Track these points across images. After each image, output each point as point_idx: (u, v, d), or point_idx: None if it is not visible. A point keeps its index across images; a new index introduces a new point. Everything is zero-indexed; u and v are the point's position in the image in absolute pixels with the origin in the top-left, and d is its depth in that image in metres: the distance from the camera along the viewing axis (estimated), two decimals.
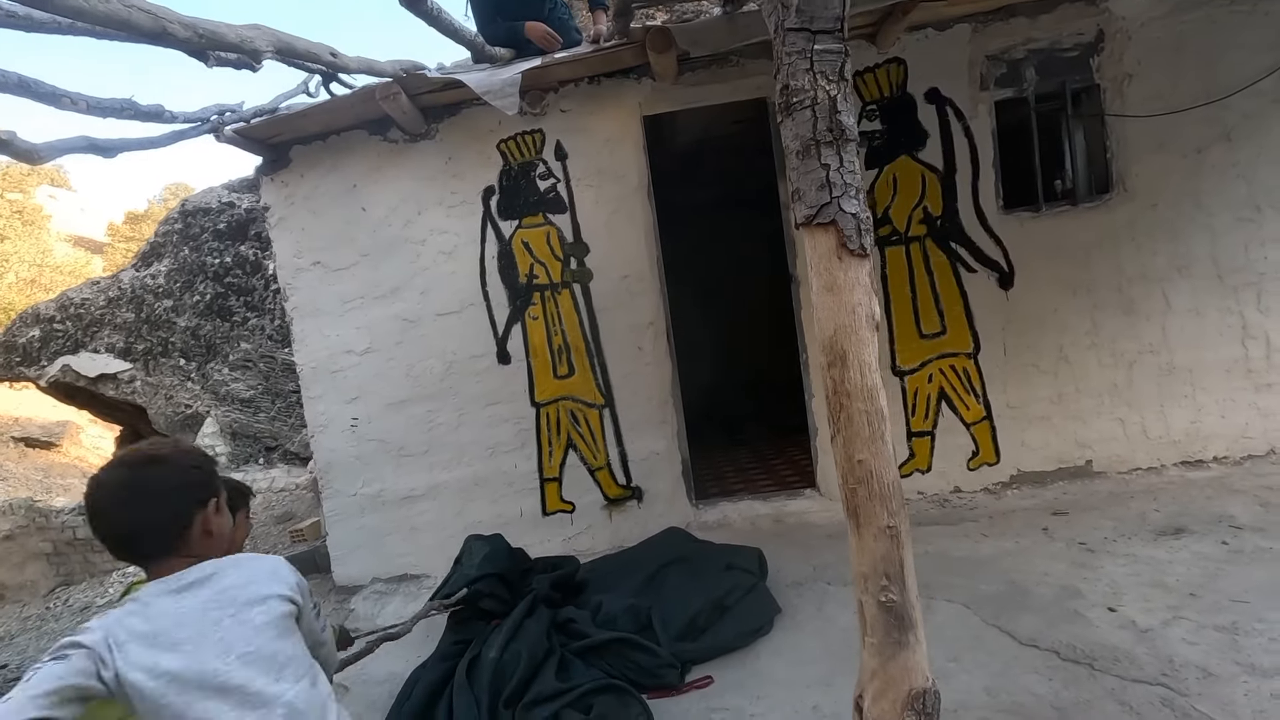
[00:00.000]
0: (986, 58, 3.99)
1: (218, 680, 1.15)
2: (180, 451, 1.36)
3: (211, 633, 1.18)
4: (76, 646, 1.13)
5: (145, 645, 1.15)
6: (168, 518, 1.28)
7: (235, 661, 1.16)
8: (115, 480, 1.28)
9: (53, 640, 5.82)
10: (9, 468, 17.20)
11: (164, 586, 1.23)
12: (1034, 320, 4.09)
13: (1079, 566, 3.15)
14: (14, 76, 2.03)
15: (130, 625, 1.17)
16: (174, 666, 1.14)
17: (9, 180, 27.56)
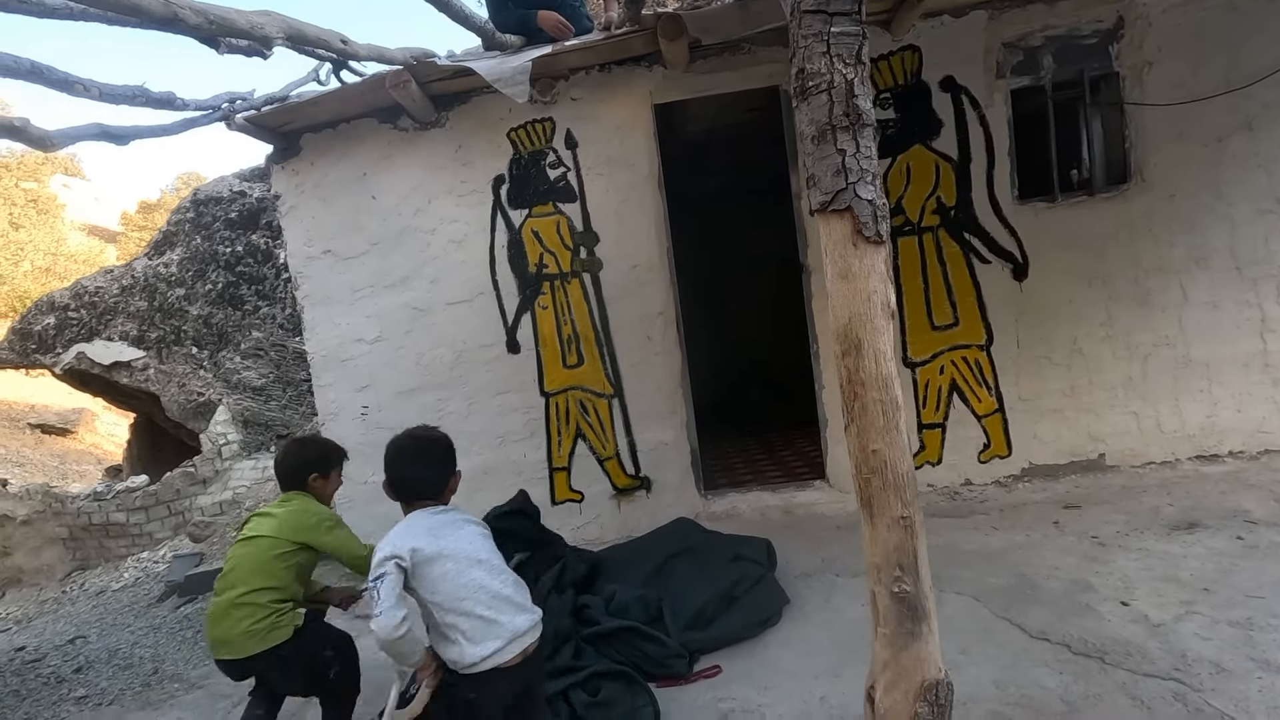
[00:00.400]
0: (1003, 45, 3.93)
1: (475, 555, 1.92)
2: (444, 434, 2.15)
3: (460, 533, 1.95)
4: (386, 562, 1.81)
5: (421, 540, 1.86)
6: (443, 475, 2.07)
7: (479, 549, 1.95)
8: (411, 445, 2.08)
9: (70, 622, 5.93)
10: (26, 454, 17.44)
11: (427, 512, 1.99)
12: (1048, 312, 4.05)
13: (1090, 560, 3.13)
14: (26, 63, 2.03)
15: (406, 534, 1.89)
16: (446, 547, 1.88)
17: (24, 169, 27.78)
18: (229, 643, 2.35)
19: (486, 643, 1.81)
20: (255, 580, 2.36)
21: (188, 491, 8.52)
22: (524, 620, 1.89)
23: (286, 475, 2.63)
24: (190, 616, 5.02)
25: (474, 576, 1.86)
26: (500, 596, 1.88)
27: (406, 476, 2.04)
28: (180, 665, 3.95)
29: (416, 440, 2.10)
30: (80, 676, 4.02)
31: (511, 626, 1.85)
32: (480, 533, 2.02)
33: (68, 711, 3.51)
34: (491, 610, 1.84)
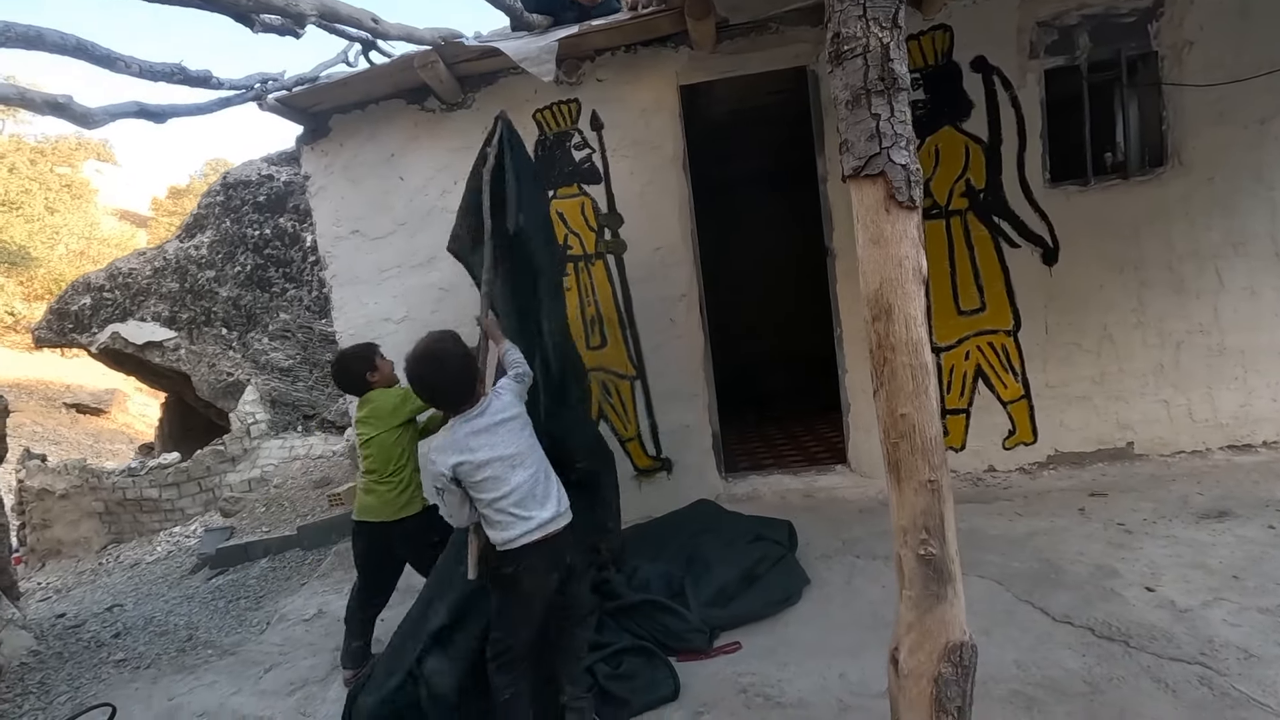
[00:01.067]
0: (1037, 24, 3.86)
1: (511, 457, 2.17)
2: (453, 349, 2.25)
3: (496, 437, 2.17)
4: (441, 479, 2.13)
5: (463, 455, 2.12)
6: (464, 384, 2.21)
7: (514, 444, 2.19)
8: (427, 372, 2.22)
9: (107, 592, 6.12)
10: (62, 432, 17.95)
11: (465, 422, 2.18)
12: (1078, 298, 3.99)
13: (1116, 547, 3.10)
14: (72, 39, 2.09)
15: (449, 450, 2.13)
16: (483, 457, 2.13)
17: (58, 154, 28.38)
18: (377, 509, 2.94)
19: (515, 528, 2.15)
20: (388, 468, 2.93)
21: (218, 469, 8.73)
22: (547, 513, 2.20)
23: (350, 388, 3.14)
24: (222, 587, 5.18)
25: (508, 483, 2.15)
26: (529, 496, 2.18)
27: (431, 399, 2.34)
28: (214, 633, 4.08)
29: (420, 362, 2.21)
30: (119, 642, 4.16)
31: (537, 519, 2.17)
32: (516, 425, 2.23)
33: (108, 673, 3.64)
34: (520, 509, 2.16)
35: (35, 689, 3.55)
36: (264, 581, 5.03)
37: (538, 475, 2.22)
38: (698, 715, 2.39)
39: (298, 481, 7.76)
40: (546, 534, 2.17)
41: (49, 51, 2.04)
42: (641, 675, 2.57)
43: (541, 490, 2.21)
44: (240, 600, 4.72)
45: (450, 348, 2.23)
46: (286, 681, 3.15)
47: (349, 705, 2.51)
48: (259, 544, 5.83)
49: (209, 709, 3.00)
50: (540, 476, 2.23)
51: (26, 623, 4.41)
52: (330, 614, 3.85)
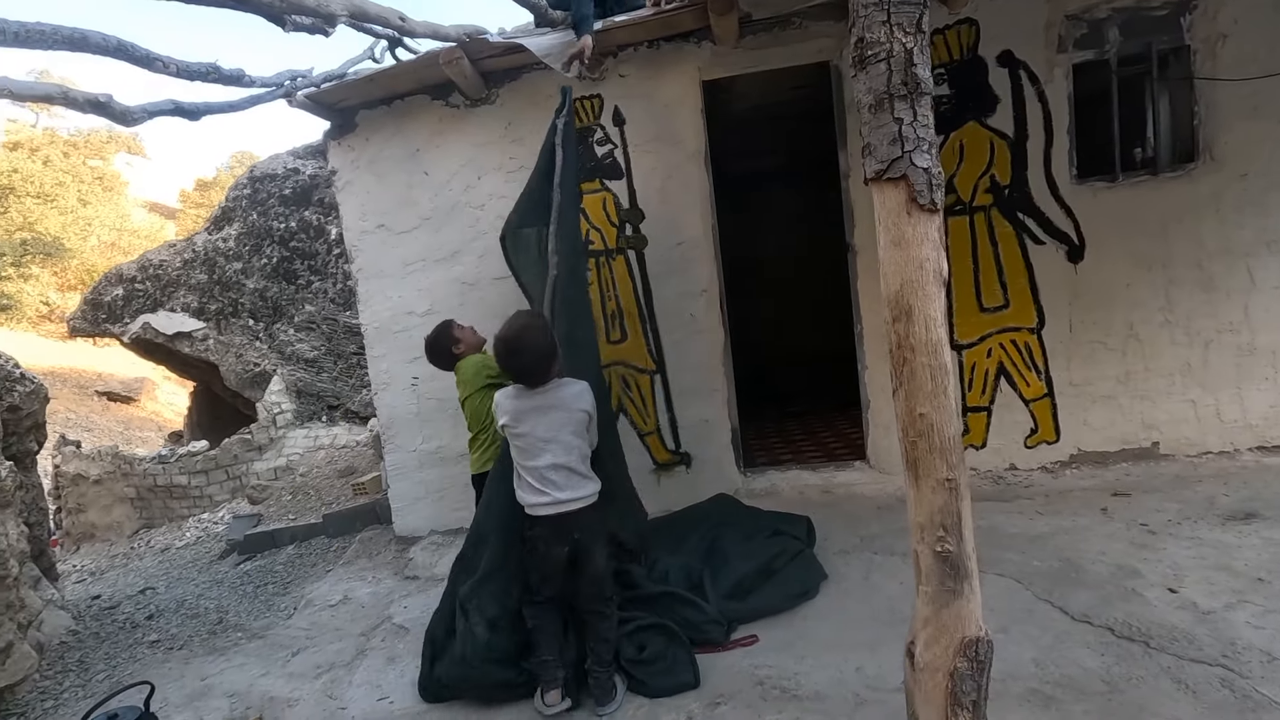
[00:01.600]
0: (1066, 18, 3.80)
1: (546, 439, 2.44)
2: (539, 341, 2.48)
3: (542, 419, 2.46)
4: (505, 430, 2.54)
5: (508, 419, 2.50)
6: (539, 369, 2.47)
7: (553, 429, 2.45)
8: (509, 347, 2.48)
9: (139, 575, 6.30)
10: (94, 419, 18.42)
11: (523, 393, 2.50)
12: (1104, 295, 3.94)
13: (1139, 547, 3.08)
14: (113, 41, 2.15)
15: (502, 409, 2.52)
16: (523, 429, 2.46)
17: (90, 148, 28.99)
18: (473, 462, 3.32)
19: (532, 496, 2.47)
20: (476, 427, 3.28)
21: (245, 457, 8.93)
22: (565, 494, 2.45)
23: (445, 365, 3.42)
24: (250, 573, 5.31)
25: (536, 459, 2.45)
26: (548, 481, 2.43)
27: (506, 367, 2.54)
28: (243, 616, 4.20)
29: (505, 342, 2.48)
30: (152, 623, 4.30)
31: (552, 497, 2.44)
32: (562, 417, 2.47)
33: (143, 653, 3.77)
34: (541, 484, 2.44)
35: (74, 667, 3.68)
36: (290, 568, 5.15)
37: (562, 466, 2.45)
38: (714, 706, 2.43)
39: (322, 471, 7.92)
40: (560, 511, 2.45)
41: (92, 53, 2.11)
42: (663, 659, 2.62)
43: (563, 479, 2.45)
44: (268, 585, 4.83)
45: (536, 338, 2.48)
46: (313, 665, 3.24)
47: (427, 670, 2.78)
48: (285, 531, 5.97)
49: (239, 690, 3.10)
50: (566, 469, 2.46)
51: (65, 603, 4.56)
52: (355, 600, 3.94)
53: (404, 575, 4.17)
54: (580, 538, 2.50)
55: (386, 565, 4.44)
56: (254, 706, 2.93)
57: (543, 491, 2.45)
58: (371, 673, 3.05)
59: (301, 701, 2.92)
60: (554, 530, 2.47)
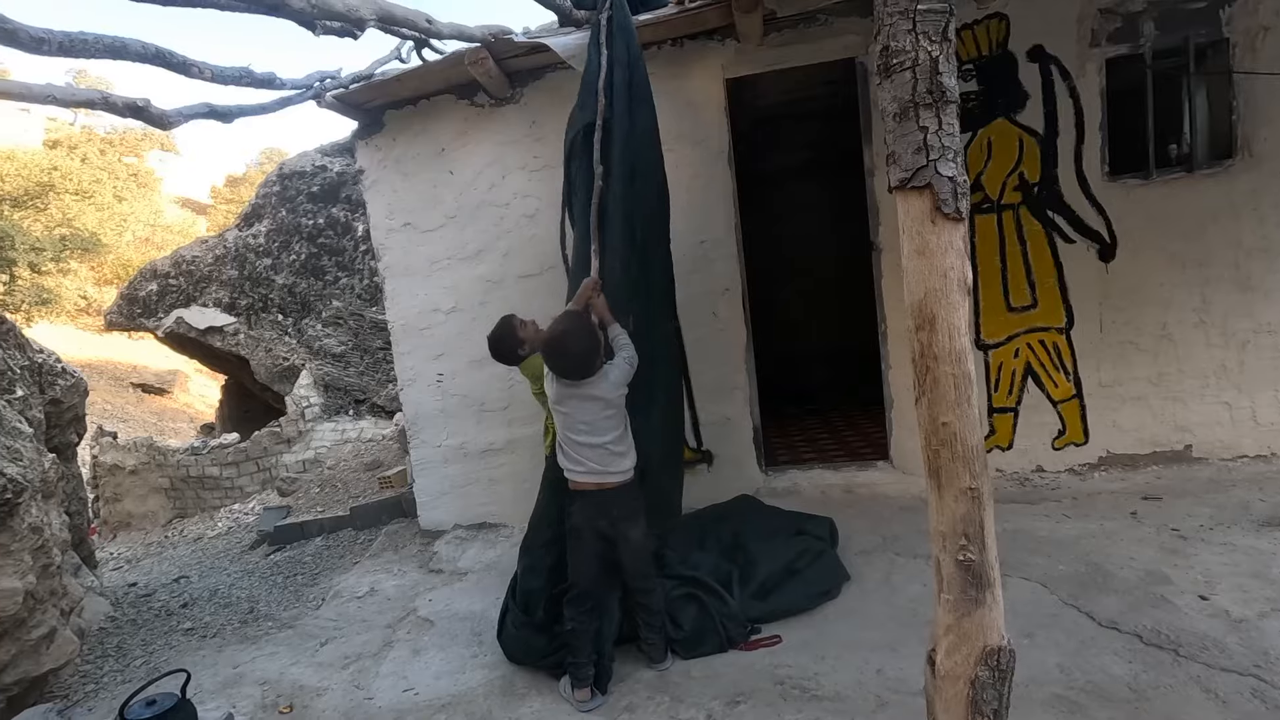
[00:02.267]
0: (1099, 11, 3.72)
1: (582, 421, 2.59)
2: (582, 346, 2.56)
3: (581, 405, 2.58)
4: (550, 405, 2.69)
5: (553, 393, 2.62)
6: (583, 367, 2.56)
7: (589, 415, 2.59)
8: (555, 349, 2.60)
9: (174, 564, 6.48)
10: (129, 411, 18.92)
11: (564, 383, 2.58)
12: (1135, 295, 3.86)
13: (1169, 553, 3.03)
14: (152, 48, 2.22)
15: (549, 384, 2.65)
16: (565, 408, 2.61)
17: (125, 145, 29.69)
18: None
19: (570, 464, 2.65)
20: (546, 415, 3.27)
21: (274, 449, 9.11)
22: (600, 469, 2.61)
23: (505, 361, 3.43)
24: (280, 563, 5.44)
25: (576, 435, 2.61)
26: (586, 457, 2.60)
27: (552, 368, 2.62)
28: (273, 606, 4.31)
29: (552, 343, 2.62)
30: (186, 611, 4.43)
31: (588, 467, 2.61)
32: (599, 407, 2.59)
33: (178, 640, 3.89)
34: (580, 456, 2.61)
35: (113, 652, 3.81)
36: (319, 559, 5.27)
37: (598, 446, 2.61)
38: (734, 704, 2.45)
39: (349, 464, 8.06)
40: (597, 483, 2.62)
41: (132, 60, 2.17)
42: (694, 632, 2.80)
43: (599, 458, 2.61)
44: (297, 576, 4.95)
45: (579, 341, 2.58)
46: (341, 655, 3.32)
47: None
48: (314, 523, 6.10)
49: (270, 678, 3.18)
50: (603, 449, 2.61)
51: (103, 590, 4.72)
52: (381, 593, 4.02)
53: (429, 569, 4.25)
54: (618, 513, 2.64)
55: (412, 558, 4.52)
56: (284, 695, 3.01)
57: (580, 462, 2.62)
58: (398, 664, 3.12)
59: (330, 691, 2.99)
60: (594, 505, 2.63)
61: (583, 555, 2.67)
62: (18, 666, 2.96)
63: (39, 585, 3.12)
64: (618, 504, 2.64)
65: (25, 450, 3.34)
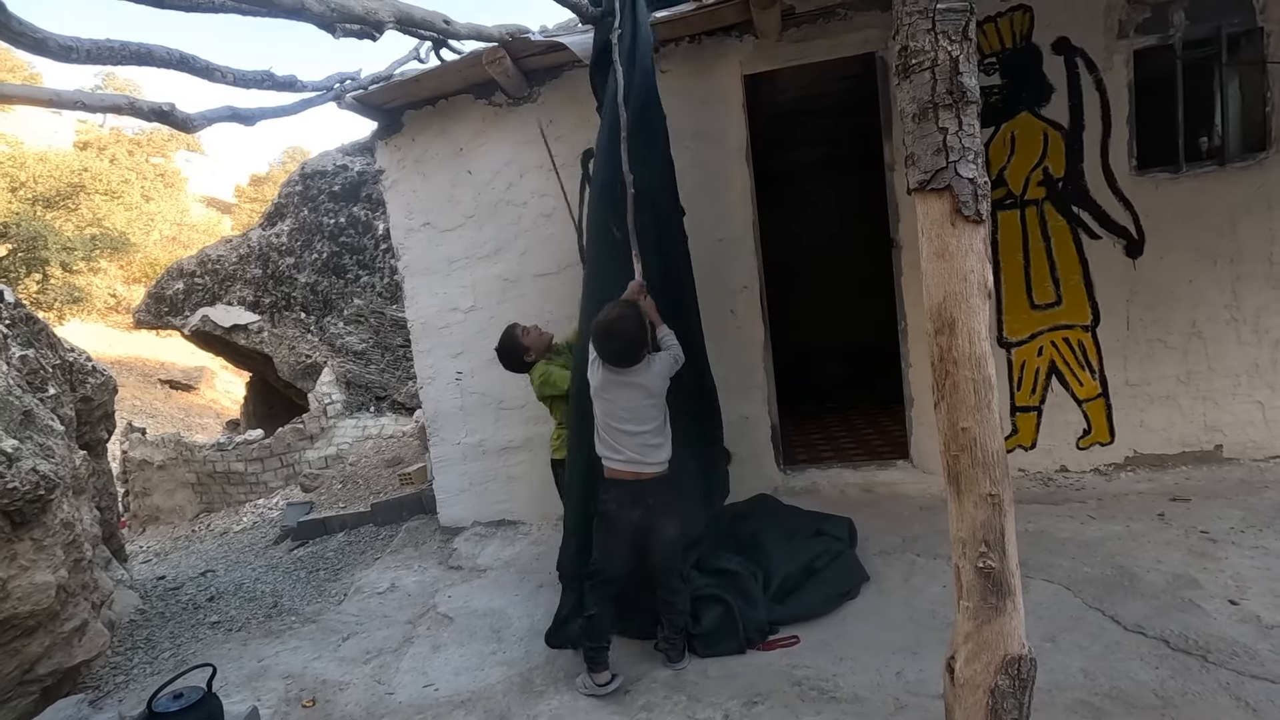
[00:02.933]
0: (1127, 2, 3.64)
1: (623, 409, 2.62)
2: (631, 330, 2.62)
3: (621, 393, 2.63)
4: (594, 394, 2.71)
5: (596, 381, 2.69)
6: (629, 354, 2.61)
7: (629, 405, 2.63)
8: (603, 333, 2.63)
9: (200, 558, 6.60)
10: (157, 406, 19.31)
11: (608, 370, 2.63)
12: (1164, 292, 3.78)
13: (1198, 556, 2.96)
14: (176, 54, 2.25)
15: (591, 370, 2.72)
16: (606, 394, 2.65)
17: (153, 145, 30.22)
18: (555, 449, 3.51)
19: (610, 454, 2.67)
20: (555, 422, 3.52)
21: (297, 446, 9.25)
22: (639, 459, 2.62)
23: (520, 370, 3.49)
24: (303, 559, 5.51)
25: (617, 422, 2.63)
26: (624, 445, 2.62)
27: (601, 352, 2.65)
28: (296, 601, 4.37)
29: (605, 330, 2.63)
30: (213, 605, 4.51)
31: (626, 456, 2.63)
32: (643, 394, 2.62)
33: (204, 634, 3.96)
34: (617, 444, 2.64)
35: (142, 644, 3.89)
36: (341, 555, 5.34)
37: (637, 434, 2.62)
38: (751, 704, 2.44)
39: (370, 460, 8.16)
40: (635, 473, 2.63)
41: (156, 66, 2.21)
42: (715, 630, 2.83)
43: (637, 447, 2.63)
44: (319, 571, 5.02)
45: (629, 327, 2.61)
46: (363, 650, 3.36)
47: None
48: (336, 519, 6.18)
49: (293, 672, 3.24)
50: (641, 439, 2.63)
51: (133, 583, 4.83)
52: (402, 589, 4.07)
53: (448, 565, 4.29)
54: (654, 503, 2.64)
55: (432, 555, 4.56)
56: (307, 689, 3.06)
57: (619, 450, 2.64)
58: (418, 660, 3.16)
59: (352, 685, 3.04)
60: (629, 495, 2.63)
61: (613, 542, 2.69)
62: (51, 658, 3.04)
63: (71, 579, 3.20)
64: (654, 494, 2.65)
65: (57, 447, 3.42)
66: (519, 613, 3.42)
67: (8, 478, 2.77)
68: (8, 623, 2.81)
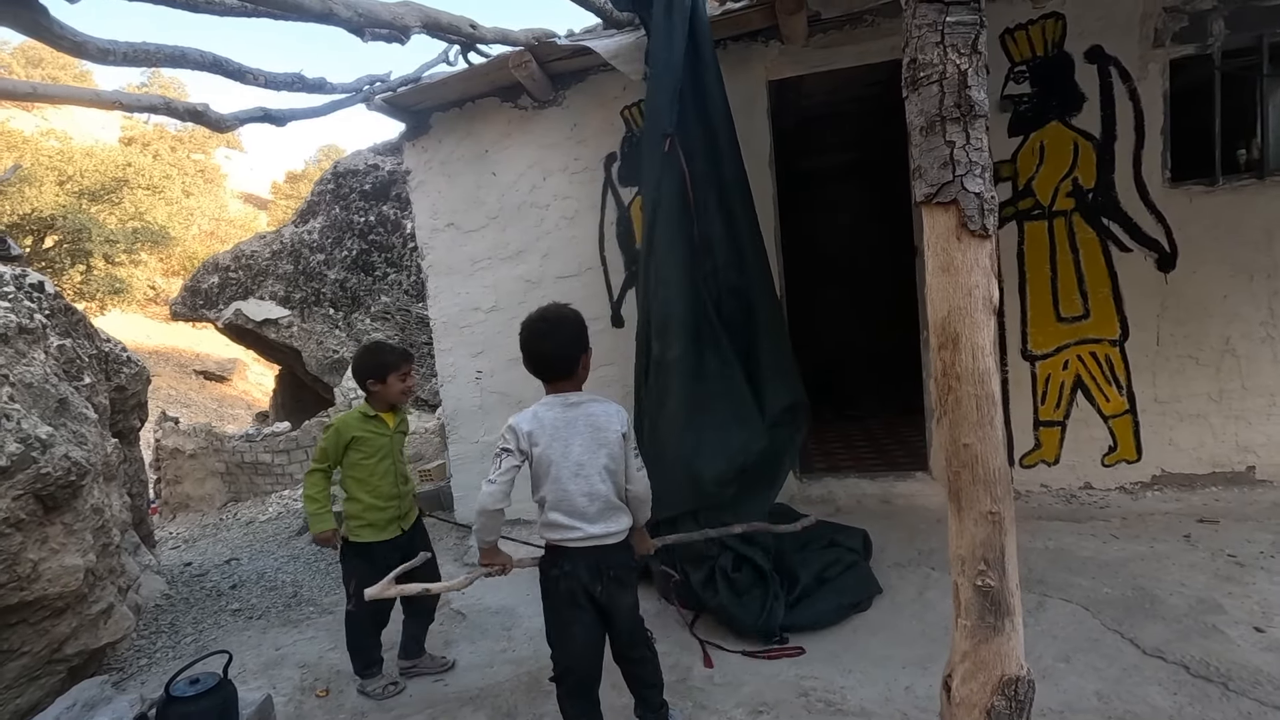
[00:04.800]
0: (1164, 10, 3.56)
1: (579, 464, 2.07)
2: (575, 314, 2.20)
3: (575, 439, 2.08)
4: (507, 451, 2.06)
5: (543, 439, 2.06)
6: (572, 355, 2.14)
7: (585, 453, 2.08)
8: (542, 323, 2.16)
9: (226, 546, 6.75)
10: (191, 396, 19.81)
11: (559, 403, 2.11)
12: (1197, 307, 3.68)
13: (1224, 580, 2.88)
14: (210, 56, 2.32)
15: (534, 423, 2.08)
16: (557, 453, 2.06)
17: (194, 142, 31.06)
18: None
19: (561, 533, 2.11)
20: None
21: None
22: (597, 529, 2.10)
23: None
24: (324, 551, 5.61)
25: (567, 489, 2.07)
26: (578, 512, 2.08)
27: (537, 352, 2.16)
28: (315, 592, 4.45)
29: (547, 319, 2.17)
30: (235, 593, 4.62)
31: (584, 531, 2.08)
32: (595, 439, 2.10)
33: (226, 621, 4.06)
34: (570, 520, 2.08)
35: (166, 629, 4.00)
36: None
37: (598, 495, 2.09)
38: (757, 714, 2.43)
39: None
40: (593, 544, 2.10)
41: (190, 68, 2.28)
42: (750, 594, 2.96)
43: (597, 510, 2.09)
44: (339, 564, 5.10)
45: (570, 315, 2.18)
46: None
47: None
48: None
49: (309, 661, 3.30)
50: (603, 499, 2.10)
51: (160, 568, 4.96)
52: None
53: (464, 562, 4.33)
54: (615, 574, 2.14)
55: (448, 551, 4.61)
56: (321, 679, 3.12)
57: (572, 525, 2.08)
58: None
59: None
60: (587, 568, 2.10)
61: (578, 630, 2.14)
62: (78, 639, 3.13)
63: (99, 563, 3.30)
64: (613, 564, 2.14)
65: (90, 435, 3.53)
66: (530, 611, 3.44)
67: (41, 463, 2.87)
68: (38, 603, 2.91)
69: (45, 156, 16.45)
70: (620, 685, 2.35)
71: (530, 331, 2.17)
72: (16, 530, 2.79)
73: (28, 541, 2.84)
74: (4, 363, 3.06)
